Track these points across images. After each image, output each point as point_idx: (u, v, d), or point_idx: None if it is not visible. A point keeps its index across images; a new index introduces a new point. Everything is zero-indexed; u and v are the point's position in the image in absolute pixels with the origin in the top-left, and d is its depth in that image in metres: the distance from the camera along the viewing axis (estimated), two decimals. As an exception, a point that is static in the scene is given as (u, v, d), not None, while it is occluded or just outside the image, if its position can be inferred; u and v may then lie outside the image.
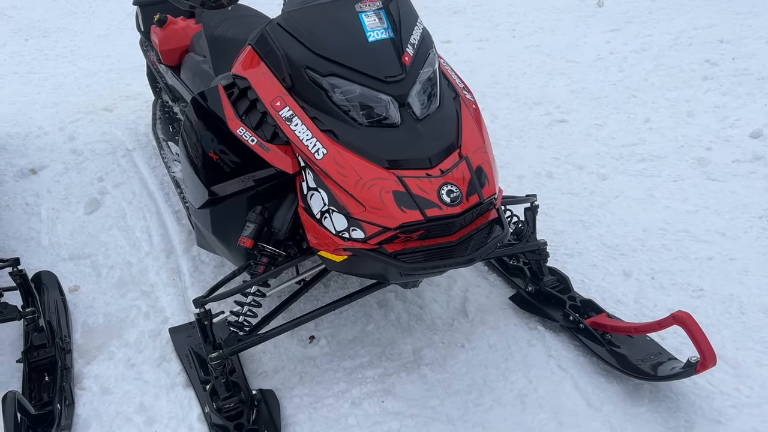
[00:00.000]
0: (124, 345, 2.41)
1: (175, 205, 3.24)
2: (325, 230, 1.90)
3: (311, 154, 1.84)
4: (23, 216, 3.23)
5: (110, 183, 3.49)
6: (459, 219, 1.77)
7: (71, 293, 2.69)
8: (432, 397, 2.18)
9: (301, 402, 2.17)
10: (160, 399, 2.18)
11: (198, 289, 2.66)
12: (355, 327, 2.50)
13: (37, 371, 2.21)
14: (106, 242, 3.01)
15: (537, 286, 2.49)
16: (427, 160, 1.79)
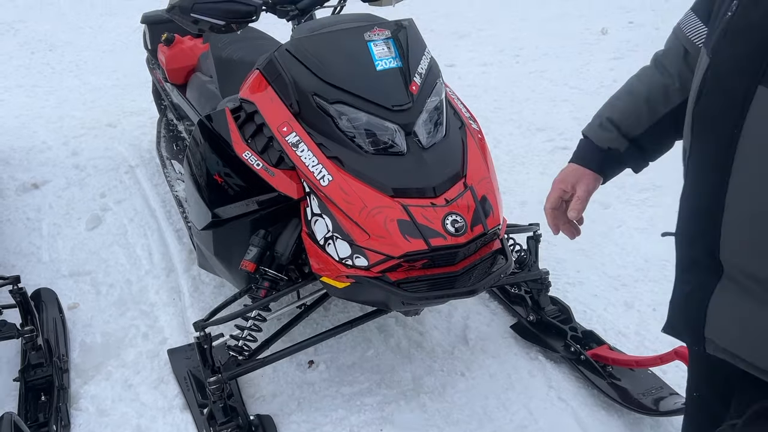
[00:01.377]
0: (122, 365, 2.39)
1: (177, 223, 3.24)
2: (328, 256, 1.89)
3: (316, 181, 1.84)
4: (24, 231, 3.22)
5: (112, 199, 3.49)
6: (463, 249, 1.77)
7: (70, 310, 2.67)
8: (431, 426, 2.16)
9: (298, 428, 2.15)
10: (156, 422, 2.16)
11: (198, 309, 2.65)
12: (354, 352, 2.48)
13: (33, 390, 2.19)
14: (107, 259, 3.00)
15: (538, 316, 2.48)
16: (432, 189, 1.80)
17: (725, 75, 0.98)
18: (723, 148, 0.96)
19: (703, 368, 1.27)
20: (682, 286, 1.13)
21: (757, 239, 0.93)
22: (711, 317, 1.05)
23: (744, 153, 0.93)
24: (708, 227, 1.01)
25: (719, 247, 1.00)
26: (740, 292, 1.00)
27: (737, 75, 0.94)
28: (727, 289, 1.02)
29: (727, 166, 0.96)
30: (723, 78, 0.99)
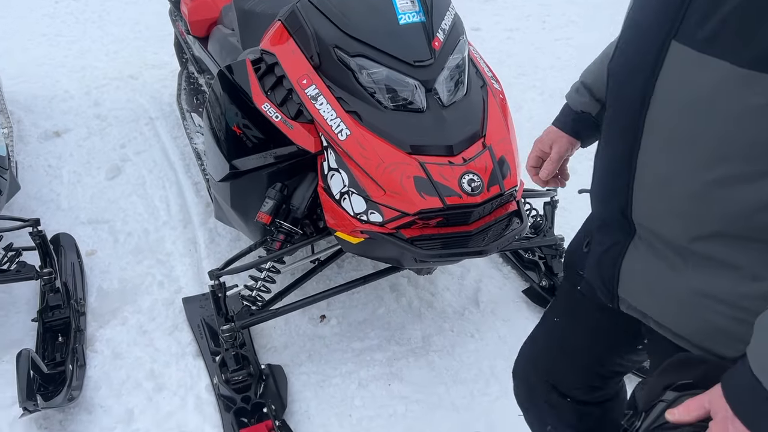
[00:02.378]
0: (138, 311, 2.43)
1: (195, 176, 3.26)
2: (343, 211, 1.90)
3: (334, 135, 1.83)
4: (45, 177, 3.26)
5: (132, 150, 3.51)
6: (478, 209, 1.77)
7: (88, 257, 2.72)
8: (439, 383, 2.19)
9: (308, 379, 2.18)
10: (170, 367, 2.21)
11: (213, 261, 2.68)
12: (366, 309, 2.51)
13: (51, 331, 2.24)
14: (125, 209, 3.03)
15: (551, 282, 2.48)
16: (450, 147, 1.78)
17: (641, 29, 0.94)
18: (635, 108, 0.93)
19: None
20: (596, 246, 1.14)
21: (666, 201, 0.92)
22: (624, 276, 1.06)
23: (654, 114, 0.90)
24: (620, 187, 1.00)
25: (631, 207, 0.99)
26: (650, 252, 0.99)
27: (653, 29, 0.89)
28: (638, 249, 1.02)
29: (638, 127, 0.93)
30: (639, 32, 0.95)
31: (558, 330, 1.42)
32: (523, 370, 1.52)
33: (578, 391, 1.40)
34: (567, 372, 1.40)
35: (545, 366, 1.45)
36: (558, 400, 1.42)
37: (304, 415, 2.07)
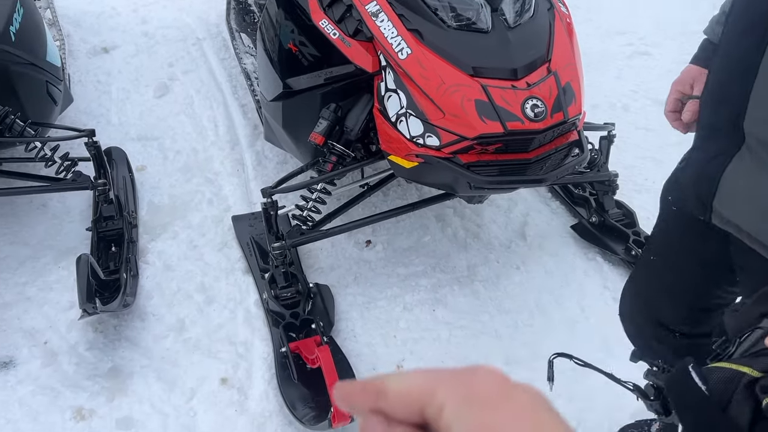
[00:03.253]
0: (188, 227, 2.47)
1: (242, 98, 3.24)
2: (398, 134, 1.87)
3: (394, 53, 1.79)
4: (94, 93, 3.27)
5: (180, 69, 3.50)
6: (539, 136, 1.73)
7: (138, 172, 2.75)
8: (483, 312, 2.20)
9: (354, 300, 2.21)
10: (219, 281, 2.25)
11: (261, 182, 2.68)
12: (411, 237, 2.51)
13: (104, 241, 2.29)
14: (174, 127, 3.04)
15: (601, 218, 2.45)
16: (514, 71, 1.73)
17: None
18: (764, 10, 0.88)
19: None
20: (699, 153, 1.11)
21: None
22: (722, 187, 1.03)
23: None
24: (736, 92, 0.96)
25: (745, 114, 0.95)
26: (756, 163, 0.96)
27: None
28: (743, 160, 0.99)
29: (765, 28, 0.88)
30: None
31: (656, 268, 1.41)
32: (629, 311, 1.53)
33: (684, 326, 1.40)
34: (669, 308, 1.40)
35: (648, 304, 1.46)
36: (665, 336, 1.42)
37: (350, 334, 2.10)
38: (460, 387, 0.39)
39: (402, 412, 0.41)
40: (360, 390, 0.42)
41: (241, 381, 1.96)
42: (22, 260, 2.29)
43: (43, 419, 1.84)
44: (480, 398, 0.38)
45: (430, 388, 0.39)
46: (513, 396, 0.39)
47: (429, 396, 0.39)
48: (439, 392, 0.39)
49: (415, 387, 0.40)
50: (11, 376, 1.95)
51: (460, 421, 0.37)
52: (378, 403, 0.41)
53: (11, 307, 2.13)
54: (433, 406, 0.39)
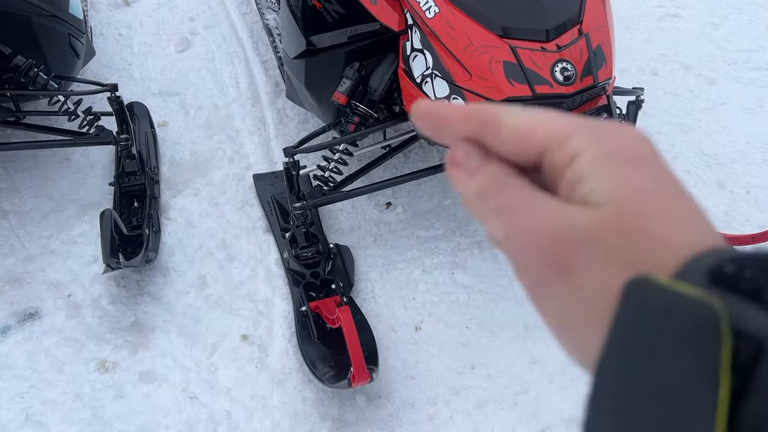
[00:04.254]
0: (209, 184, 2.47)
1: (264, 54, 3.20)
2: (424, 95, 1.85)
3: (422, 12, 1.75)
4: (116, 46, 3.25)
5: (201, 24, 3.46)
6: (568, 100, 1.69)
7: (160, 128, 2.74)
8: (502, 276, 2.20)
9: (374, 262, 2.22)
10: (240, 239, 2.26)
11: (282, 141, 2.67)
12: (432, 200, 2.49)
13: (127, 196, 2.30)
14: (195, 83, 3.02)
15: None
16: (545, 32, 1.69)
17: None
18: None
19: None
20: None
21: None
22: None
23: None
24: None
25: None
26: None
27: None
28: None
29: None
30: None
31: None
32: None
33: None
34: None
35: None
36: None
37: (370, 295, 2.11)
38: (604, 139, 0.34)
39: (511, 151, 0.36)
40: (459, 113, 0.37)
41: (262, 338, 1.98)
42: (46, 213, 2.31)
43: (68, 370, 1.88)
44: (629, 155, 0.33)
45: (562, 131, 0.34)
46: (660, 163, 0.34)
47: (560, 139, 0.34)
48: (576, 138, 0.34)
49: (543, 126, 0.35)
50: (37, 327, 1.99)
51: (603, 174, 0.33)
52: (483, 134, 0.36)
53: (36, 260, 2.16)
54: (562, 153, 0.34)
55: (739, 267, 0.27)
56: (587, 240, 0.32)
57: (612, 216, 0.32)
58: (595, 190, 0.32)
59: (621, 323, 0.29)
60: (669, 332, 0.27)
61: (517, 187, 0.35)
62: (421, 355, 1.99)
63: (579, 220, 0.32)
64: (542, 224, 0.33)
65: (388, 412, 1.84)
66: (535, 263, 0.34)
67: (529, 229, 0.34)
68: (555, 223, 0.33)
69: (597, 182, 0.33)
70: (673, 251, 0.30)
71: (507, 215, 0.35)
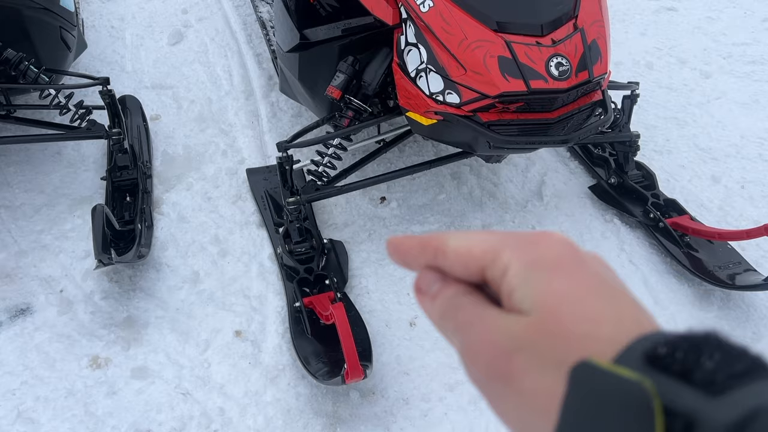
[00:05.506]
0: (202, 178, 2.46)
1: (257, 47, 3.18)
2: (418, 90, 1.83)
3: (416, 6, 1.74)
4: (108, 39, 3.22)
5: (194, 17, 3.43)
6: (563, 95, 1.68)
7: (152, 121, 2.72)
8: (497, 272, 2.19)
9: (368, 257, 2.21)
10: (234, 234, 2.25)
11: (275, 135, 2.66)
12: (426, 194, 2.48)
13: (119, 191, 2.28)
14: (188, 76, 3.00)
15: (620, 179, 2.41)
16: (539, 26, 1.68)
17: None
18: None
19: None
20: None
21: None
22: None
23: None
24: None
25: None
26: None
27: None
28: None
29: None
30: None
31: None
32: None
33: None
34: None
35: None
36: None
37: (364, 290, 2.11)
38: (528, 250, 0.38)
39: (460, 272, 0.40)
40: (417, 246, 0.42)
41: (255, 334, 1.97)
42: (38, 208, 2.29)
43: (60, 366, 1.87)
44: (549, 262, 0.37)
45: (494, 248, 0.38)
46: (584, 262, 0.38)
47: (492, 257, 0.38)
48: (504, 254, 0.38)
49: (478, 247, 0.39)
50: (29, 323, 1.97)
51: (527, 284, 0.36)
52: (436, 260, 0.41)
53: (27, 255, 2.15)
54: (497, 268, 0.38)
55: (670, 349, 0.30)
56: (519, 346, 0.35)
57: (538, 321, 0.35)
58: (524, 299, 0.36)
59: (567, 403, 0.32)
60: (611, 412, 0.29)
61: (470, 305, 0.39)
62: (416, 350, 1.98)
63: (512, 328, 0.36)
64: (485, 336, 0.37)
65: (382, 408, 1.84)
66: (482, 371, 0.37)
67: (475, 341, 0.38)
68: (494, 332, 0.36)
69: (524, 291, 0.36)
70: (601, 346, 0.33)
71: (461, 331, 0.39)
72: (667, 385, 0.29)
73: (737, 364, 0.29)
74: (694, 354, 0.29)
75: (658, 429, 0.27)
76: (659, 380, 0.29)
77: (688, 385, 0.28)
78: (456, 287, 0.40)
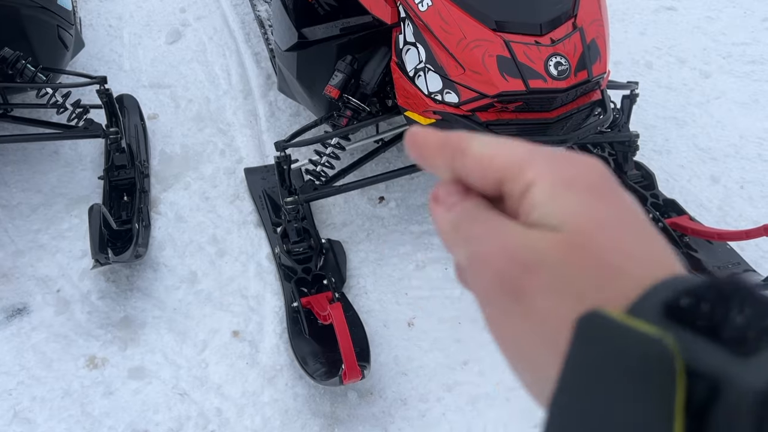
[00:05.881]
0: (200, 178, 2.45)
1: (255, 46, 3.17)
2: (416, 89, 1.83)
3: (414, 5, 1.73)
4: (106, 38, 3.21)
5: (192, 15, 3.42)
6: (562, 95, 1.68)
7: (150, 120, 2.71)
8: (496, 272, 2.18)
9: (366, 257, 2.20)
10: (231, 234, 2.24)
11: (273, 134, 2.65)
12: (425, 194, 2.47)
13: (117, 190, 2.27)
14: (186, 75, 2.99)
15: (619, 179, 2.38)
16: (538, 26, 1.67)
17: None
18: None
19: None
20: None
21: None
22: None
23: None
24: None
25: None
26: None
27: None
28: None
29: None
30: None
31: None
32: None
33: None
34: None
35: None
36: None
37: (362, 290, 2.10)
38: (560, 169, 0.34)
39: (477, 179, 0.37)
40: (437, 141, 0.39)
41: (253, 334, 1.96)
42: (35, 207, 2.29)
43: (56, 366, 1.86)
44: (583, 184, 0.34)
45: (519, 162, 0.35)
46: (622, 193, 0.34)
47: (516, 170, 0.35)
48: (531, 169, 0.34)
49: (502, 157, 0.36)
50: (25, 323, 1.96)
51: (556, 201, 0.33)
52: (453, 161, 0.38)
53: (24, 255, 2.14)
54: (519, 182, 0.34)
55: (694, 300, 0.27)
56: (541, 261, 0.32)
57: (568, 240, 0.32)
58: (550, 215, 0.33)
59: (573, 360, 0.28)
60: (622, 371, 0.26)
61: (486, 217, 0.36)
62: (414, 351, 1.98)
63: (537, 242, 0.32)
64: (501, 246, 0.33)
65: (380, 408, 1.83)
66: (490, 284, 0.34)
67: (489, 252, 0.34)
68: (514, 244, 0.33)
69: (551, 208, 0.33)
70: (629, 283, 0.30)
71: (473, 241, 0.36)
72: (690, 342, 0.25)
73: None
74: (722, 307, 0.26)
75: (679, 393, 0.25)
76: (681, 336, 0.26)
77: (715, 343, 0.25)
78: (477, 200, 0.37)
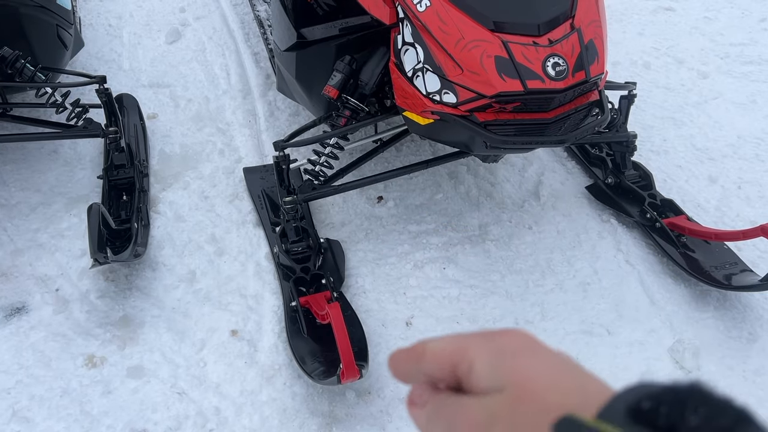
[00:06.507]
0: (199, 177, 2.45)
1: (255, 46, 3.18)
2: (414, 89, 1.83)
3: (413, 5, 1.74)
4: (105, 37, 3.21)
5: (192, 15, 3.42)
6: (560, 95, 1.68)
7: (149, 120, 2.72)
8: (494, 271, 2.19)
9: (365, 256, 2.21)
10: (230, 233, 2.25)
11: (272, 134, 2.65)
12: (423, 194, 2.48)
13: (116, 189, 2.28)
14: (185, 74, 2.99)
15: (617, 179, 2.41)
16: (536, 26, 1.68)
17: None
18: None
19: None
20: None
21: None
22: None
23: None
24: None
25: None
26: None
27: None
28: None
29: None
30: None
31: None
32: None
33: None
34: None
35: None
36: None
37: (360, 290, 2.10)
38: (490, 343, 0.42)
39: (437, 371, 0.44)
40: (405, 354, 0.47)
41: (251, 333, 1.97)
42: (34, 206, 2.29)
43: (55, 365, 1.87)
44: (509, 350, 0.41)
45: (461, 346, 0.43)
46: (542, 349, 0.42)
47: (461, 354, 0.42)
48: (470, 350, 0.42)
49: (448, 346, 0.43)
50: (24, 322, 1.97)
51: (495, 368, 0.40)
52: (419, 363, 0.45)
53: (23, 254, 2.14)
54: (464, 363, 0.42)
55: (655, 404, 0.31)
56: (498, 419, 0.38)
57: (511, 395, 0.38)
58: (494, 381, 0.40)
59: None
60: None
61: (451, 402, 0.43)
62: (412, 350, 1.98)
63: (489, 405, 0.39)
64: (465, 418, 0.40)
65: (378, 407, 1.84)
66: None
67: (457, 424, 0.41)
68: (474, 413, 0.40)
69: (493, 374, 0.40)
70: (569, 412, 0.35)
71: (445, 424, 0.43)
72: None
73: (722, 419, 0.29)
74: (678, 408, 0.30)
75: None
76: None
77: None
78: (443, 392, 0.44)
